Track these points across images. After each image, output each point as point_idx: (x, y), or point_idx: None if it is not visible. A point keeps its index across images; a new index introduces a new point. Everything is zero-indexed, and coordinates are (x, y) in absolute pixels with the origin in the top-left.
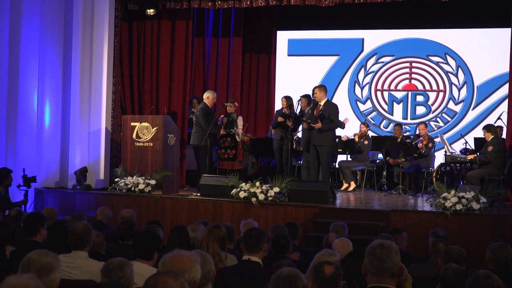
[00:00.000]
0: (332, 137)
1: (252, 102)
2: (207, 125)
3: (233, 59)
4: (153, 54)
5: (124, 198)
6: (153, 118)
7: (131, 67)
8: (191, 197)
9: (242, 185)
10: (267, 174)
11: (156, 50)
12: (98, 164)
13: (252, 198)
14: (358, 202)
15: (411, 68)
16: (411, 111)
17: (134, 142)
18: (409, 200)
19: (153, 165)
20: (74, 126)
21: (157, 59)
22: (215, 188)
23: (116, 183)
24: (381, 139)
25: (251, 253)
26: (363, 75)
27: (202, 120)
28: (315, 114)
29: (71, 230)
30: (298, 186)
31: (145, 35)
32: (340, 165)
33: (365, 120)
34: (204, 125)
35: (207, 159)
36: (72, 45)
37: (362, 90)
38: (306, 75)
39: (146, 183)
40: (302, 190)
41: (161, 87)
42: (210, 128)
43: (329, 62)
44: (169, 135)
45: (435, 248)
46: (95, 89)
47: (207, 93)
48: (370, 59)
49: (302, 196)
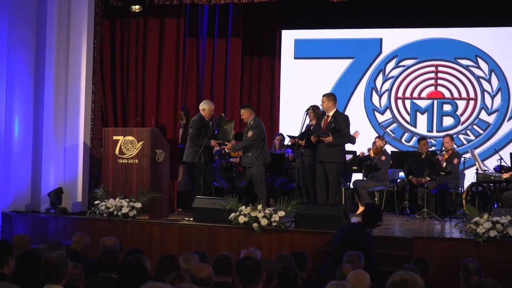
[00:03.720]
0: (342, 153)
1: None
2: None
3: (231, 62)
4: (138, 57)
5: (105, 223)
6: (138, 131)
7: (113, 72)
8: (183, 223)
9: (242, 208)
10: (271, 195)
11: (142, 52)
12: (75, 184)
13: (254, 224)
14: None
15: (437, 72)
16: (437, 123)
17: (116, 158)
18: (435, 226)
19: (138, 185)
20: (47, 141)
21: (143, 63)
22: (211, 212)
23: (96, 206)
24: (403, 155)
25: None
26: (382, 81)
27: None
28: (322, 126)
29: (44, 261)
30: (307, 210)
31: (130, 35)
32: (356, 185)
33: (384, 132)
34: (194, 137)
35: (201, 178)
36: (46, 48)
37: (381, 99)
38: (315, 81)
39: (130, 206)
40: (311, 214)
41: (148, 95)
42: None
43: (342, 66)
44: (157, 151)
45: (467, 283)
46: (71, 98)
47: (204, 104)
48: (389, 62)
49: (311, 221)
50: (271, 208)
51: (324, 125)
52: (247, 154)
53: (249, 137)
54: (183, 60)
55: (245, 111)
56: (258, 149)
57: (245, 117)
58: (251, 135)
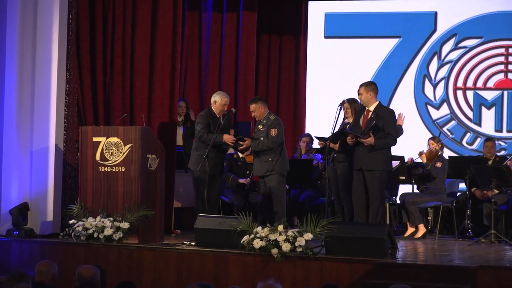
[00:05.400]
0: (386, 159)
1: (272, 105)
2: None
3: (244, 43)
4: (126, 36)
5: (83, 249)
6: (126, 130)
7: (93, 56)
8: (182, 248)
9: (258, 229)
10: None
11: (130, 30)
12: (45, 199)
13: (273, 249)
14: (430, 255)
15: (507, 56)
16: (508, 120)
17: (97, 166)
18: (505, 252)
19: (125, 200)
20: (8, 144)
21: (132, 44)
22: (218, 234)
23: (71, 227)
24: (464, 162)
25: None
26: (436, 66)
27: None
28: (361, 124)
29: None
30: (341, 231)
31: (115, 8)
32: (404, 200)
33: (440, 132)
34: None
35: (206, 191)
36: (7, 25)
37: (435, 89)
38: (351, 67)
39: (115, 227)
40: (346, 237)
41: (137, 85)
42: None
43: (385, 47)
44: (149, 156)
45: None
46: (39, 89)
47: (216, 95)
48: (446, 42)
49: (346, 246)
50: (295, 229)
51: (363, 123)
52: (265, 158)
53: (273, 137)
54: (182, 40)
55: (257, 105)
56: (278, 153)
57: (257, 114)
58: (276, 134)
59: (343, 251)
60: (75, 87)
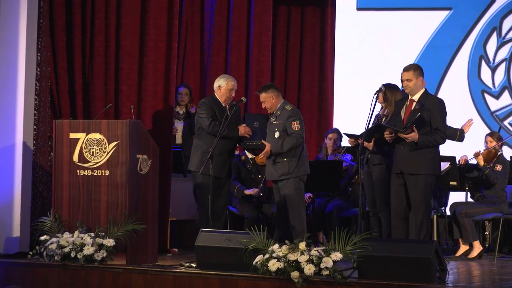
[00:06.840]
0: (433, 160)
1: (291, 94)
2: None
3: (257, 15)
4: (110, 7)
5: (57, 271)
6: (110, 124)
7: (69, 33)
8: (181, 270)
9: (274, 248)
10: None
11: None
12: (10, 210)
13: (293, 272)
14: (488, 279)
15: None
16: None
17: (75, 168)
18: None
19: (110, 211)
20: None
21: (117, 17)
22: (224, 253)
23: (42, 245)
24: None
25: None
26: (496, 46)
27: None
28: (403, 118)
29: None
30: (377, 250)
31: None
32: (455, 210)
33: (500, 127)
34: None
35: (210, 199)
36: None
37: (494, 74)
38: (390, 46)
39: (97, 245)
40: (383, 257)
41: (125, 68)
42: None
43: (433, 22)
44: (139, 156)
45: None
46: (3, 73)
47: (220, 79)
48: (507, 16)
49: (384, 268)
50: (321, 247)
51: (405, 116)
52: (279, 159)
53: (297, 131)
54: (179, 12)
55: (267, 94)
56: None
57: (268, 105)
58: (299, 128)
59: (380, 275)
60: (48, 70)
